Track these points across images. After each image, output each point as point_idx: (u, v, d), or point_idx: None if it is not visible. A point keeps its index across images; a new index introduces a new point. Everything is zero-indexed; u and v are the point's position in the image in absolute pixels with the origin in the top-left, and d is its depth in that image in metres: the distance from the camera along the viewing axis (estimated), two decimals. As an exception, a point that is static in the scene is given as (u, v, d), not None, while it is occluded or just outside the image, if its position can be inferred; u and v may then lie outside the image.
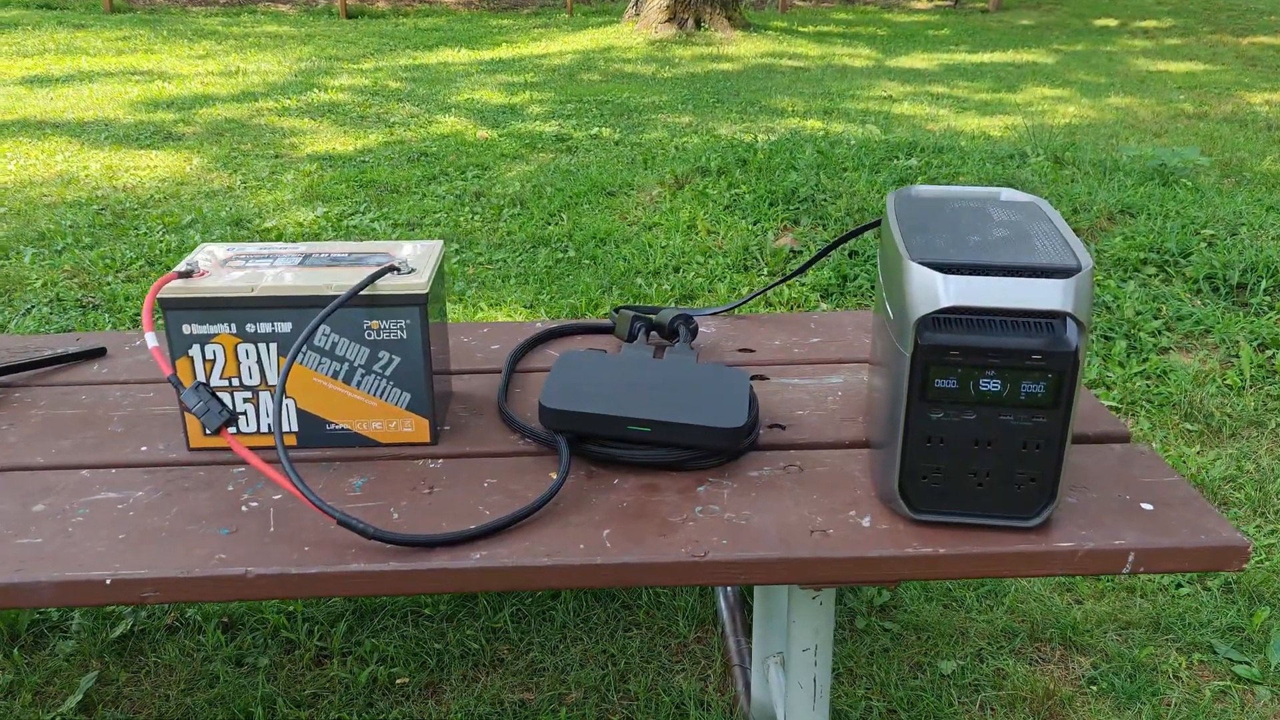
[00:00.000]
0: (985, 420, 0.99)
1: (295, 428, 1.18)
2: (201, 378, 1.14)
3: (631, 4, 10.48)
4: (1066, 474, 1.01)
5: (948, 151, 4.78)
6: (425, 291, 1.13)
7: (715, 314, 1.57)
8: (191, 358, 1.14)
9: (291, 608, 1.99)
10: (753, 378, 1.37)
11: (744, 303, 1.52)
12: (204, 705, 1.76)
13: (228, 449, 1.18)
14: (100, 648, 1.91)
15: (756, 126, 6.27)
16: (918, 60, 9.15)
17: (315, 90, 7.39)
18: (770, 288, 1.49)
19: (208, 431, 1.02)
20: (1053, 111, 6.97)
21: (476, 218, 4.48)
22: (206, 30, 10.53)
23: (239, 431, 1.18)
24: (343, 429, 1.18)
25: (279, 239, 4.32)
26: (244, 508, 1.08)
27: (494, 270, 3.83)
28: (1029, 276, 0.95)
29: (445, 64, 8.71)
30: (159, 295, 1.10)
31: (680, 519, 1.06)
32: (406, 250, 1.23)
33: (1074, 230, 3.72)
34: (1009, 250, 1.00)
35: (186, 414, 1.15)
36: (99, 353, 1.42)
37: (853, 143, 4.92)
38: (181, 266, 1.14)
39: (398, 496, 1.10)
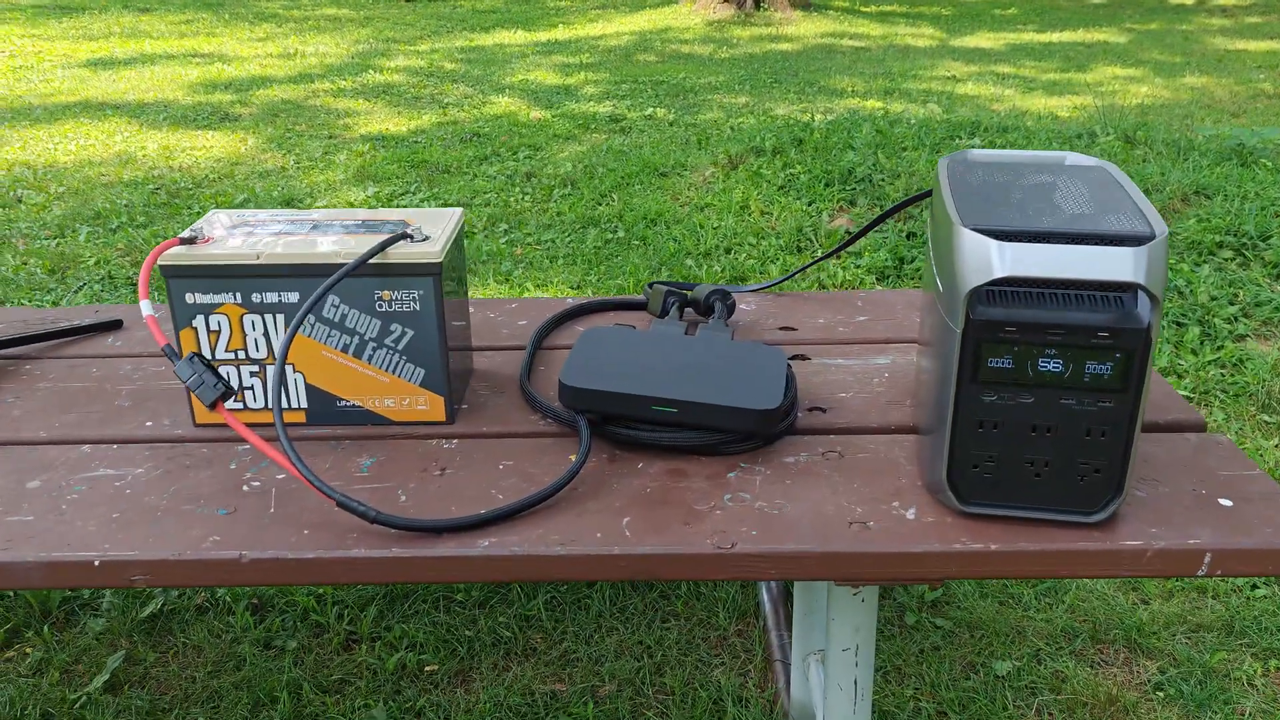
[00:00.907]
0: (1044, 404, 0.89)
1: (304, 404, 1.12)
2: (206, 350, 1.09)
3: (690, -16, 10.35)
4: (1134, 465, 0.91)
5: (1012, 131, 4.62)
6: (439, 260, 1.06)
7: (755, 291, 1.49)
8: (195, 329, 1.08)
9: (321, 590, 1.95)
10: (793, 357, 1.28)
11: (786, 279, 1.43)
12: (229, 688, 1.72)
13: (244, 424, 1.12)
14: (130, 627, 1.88)
15: (814, 107, 6.13)
16: (983, 40, 8.91)
17: (371, 71, 7.39)
18: (811, 265, 1.40)
19: (207, 406, 0.96)
20: (1124, 92, 6.73)
21: (527, 198, 4.42)
22: (267, 14, 10.61)
23: (245, 406, 1.12)
24: (354, 406, 1.12)
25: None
26: (245, 487, 1.02)
27: (542, 250, 3.77)
28: (1095, 244, 0.86)
29: (501, 45, 8.68)
30: (160, 262, 1.04)
31: (707, 507, 0.98)
32: (423, 217, 1.16)
33: (1145, 211, 3.55)
34: (1073, 216, 0.90)
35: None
36: (114, 325, 1.38)
37: (913, 122, 4.77)
38: (186, 233, 1.09)
39: (407, 478, 1.03)
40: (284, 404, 1.12)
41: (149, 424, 1.14)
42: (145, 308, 0.96)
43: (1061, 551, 0.91)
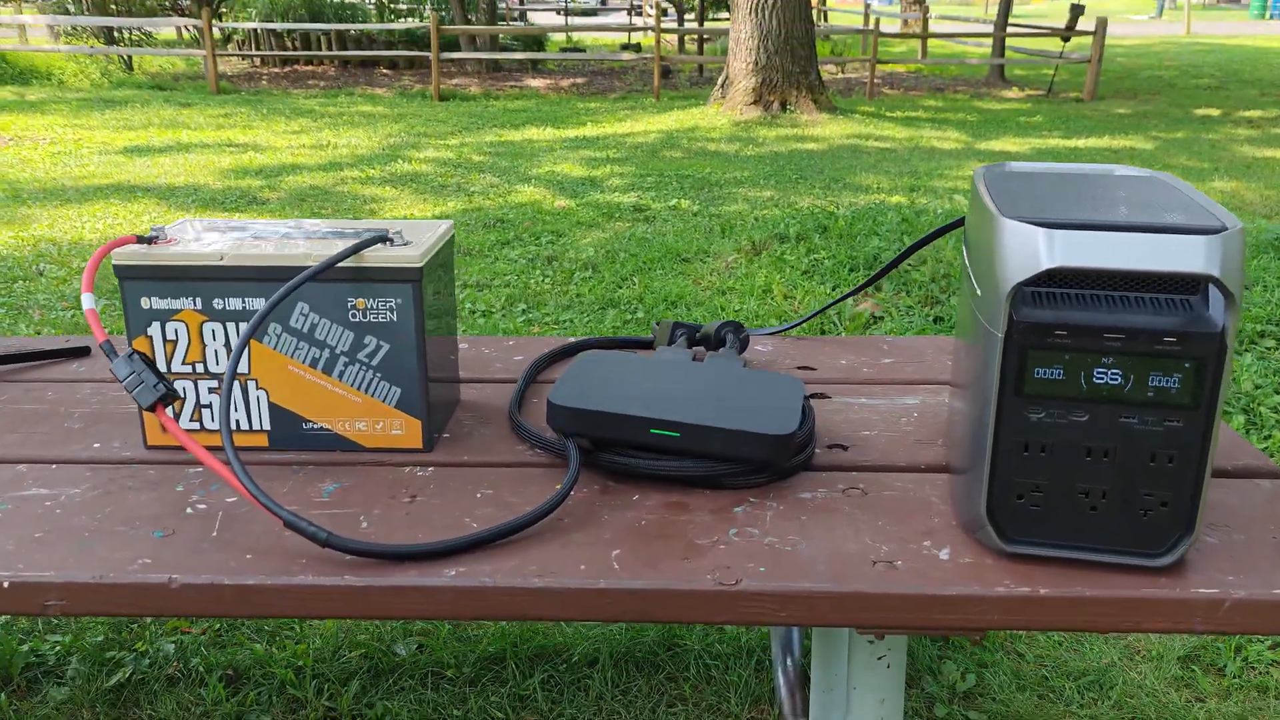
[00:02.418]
0: (1101, 423, 0.77)
1: (266, 425, 1.01)
2: (161, 363, 0.98)
3: (718, 87, 10.50)
4: (1206, 500, 0.79)
5: (1042, 222, 4.54)
6: (420, 265, 0.96)
7: (773, 333, 1.38)
8: (150, 337, 0.98)
9: (301, 662, 1.80)
10: (811, 395, 1.16)
11: (809, 319, 1.32)
12: (192, 765, 1.57)
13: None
14: (94, 697, 1.74)
15: (840, 200, 6.10)
16: (1008, 143, 8.93)
17: (399, 161, 7.47)
18: (841, 300, 1.28)
19: (144, 408, 0.85)
20: (1153, 192, 6.67)
21: (547, 280, 4.36)
22: (304, 109, 10.84)
23: (202, 427, 1.01)
24: (321, 429, 1.01)
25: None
26: (189, 510, 0.90)
27: (560, 329, 3.69)
28: (1160, 233, 0.74)
29: (530, 141, 8.78)
30: (115, 262, 0.95)
31: (709, 542, 0.85)
32: (409, 227, 1.06)
33: (1182, 299, 3.44)
34: (1130, 210, 0.79)
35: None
36: (81, 352, 1.28)
37: (939, 212, 4.71)
38: (150, 233, 1.00)
39: (371, 504, 0.91)
40: (245, 425, 1.01)
41: (96, 445, 1.03)
42: (87, 300, 0.87)
43: (1122, 599, 0.78)
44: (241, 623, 1.93)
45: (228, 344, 0.98)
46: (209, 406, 1.00)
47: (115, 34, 14.12)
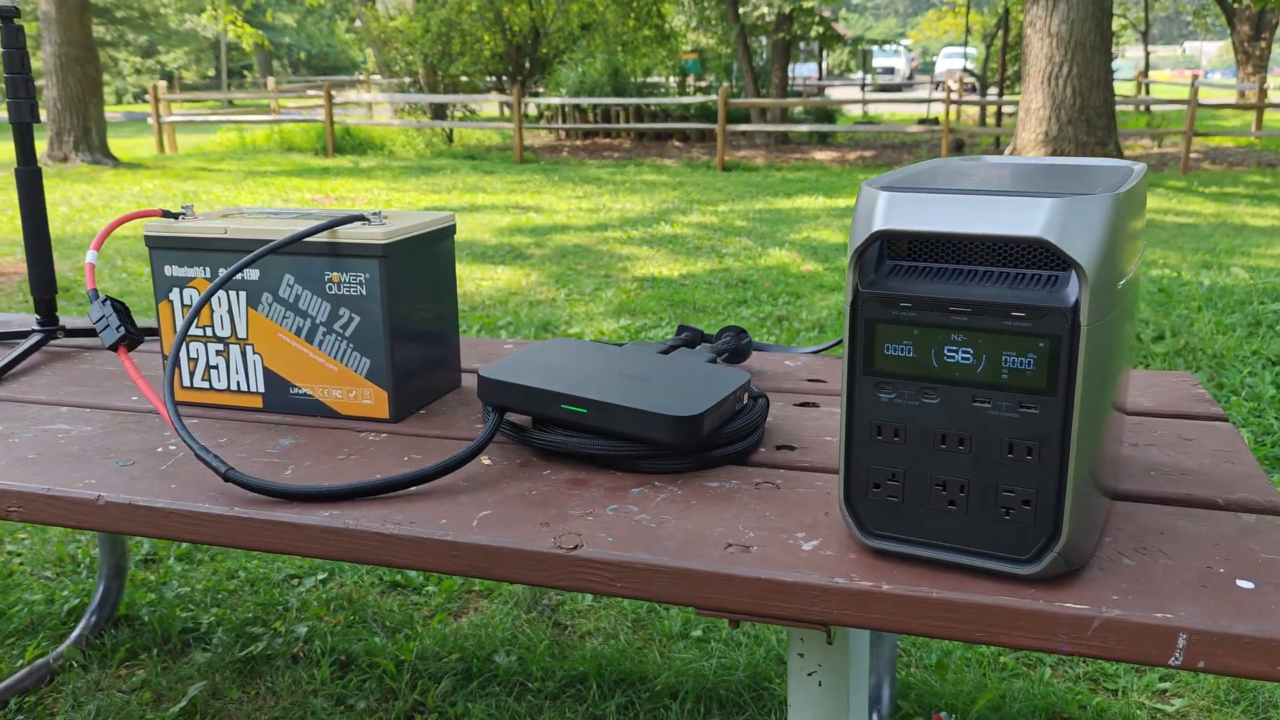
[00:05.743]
0: (953, 406, 0.70)
1: (261, 388, 1.10)
2: (180, 325, 1.11)
3: (1004, 159, 10.11)
4: (1074, 500, 0.69)
5: (1329, 298, 4.02)
6: (384, 243, 1.02)
7: (813, 352, 1.33)
8: (171, 302, 1.10)
9: (404, 657, 1.90)
10: (801, 404, 1.12)
11: (836, 344, 1.28)
12: (283, 733, 1.70)
13: (205, 404, 1.13)
14: (228, 663, 1.92)
15: (1108, 273, 5.67)
16: (1337, 221, 7.97)
17: (663, 224, 7.74)
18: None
19: (106, 347, 0.97)
20: None
21: (771, 338, 4.37)
22: (593, 177, 11.49)
23: (210, 386, 1.12)
24: (305, 394, 1.09)
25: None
26: (160, 449, 1.00)
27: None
28: (1004, 196, 0.68)
29: (797, 209, 8.83)
30: (145, 233, 1.09)
31: (581, 513, 0.84)
32: (409, 215, 1.14)
33: None
34: (1018, 183, 0.73)
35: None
36: (184, 332, 1.45)
37: (1205, 284, 4.29)
38: (180, 210, 1.13)
39: (305, 458, 0.98)
40: (244, 387, 1.11)
41: (134, 399, 1.17)
42: (90, 256, 1.00)
43: (974, 605, 0.70)
44: (370, 617, 2.07)
45: (230, 310, 1.09)
46: (216, 368, 1.11)
47: (443, 109, 15.64)
